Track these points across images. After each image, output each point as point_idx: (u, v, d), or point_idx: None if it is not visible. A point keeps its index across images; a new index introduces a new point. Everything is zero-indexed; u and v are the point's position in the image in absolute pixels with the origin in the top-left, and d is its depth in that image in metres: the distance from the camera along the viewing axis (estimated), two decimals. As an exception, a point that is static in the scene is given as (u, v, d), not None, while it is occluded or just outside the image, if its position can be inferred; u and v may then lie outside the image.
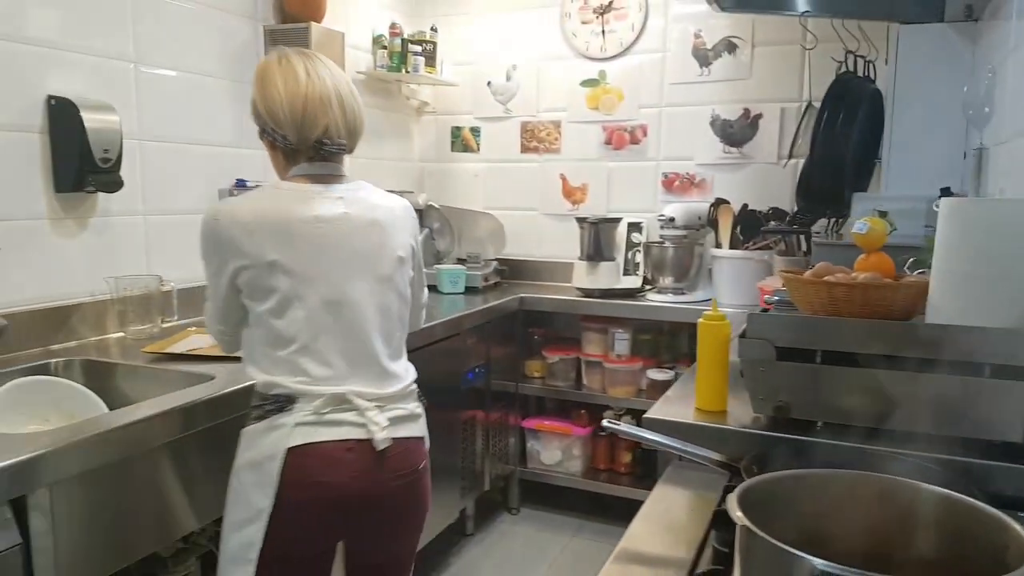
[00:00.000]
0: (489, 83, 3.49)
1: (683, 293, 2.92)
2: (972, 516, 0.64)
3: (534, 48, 3.40)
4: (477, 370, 2.79)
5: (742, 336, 1.24)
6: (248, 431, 1.36)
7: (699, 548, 0.95)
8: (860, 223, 1.42)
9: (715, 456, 1.08)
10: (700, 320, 1.36)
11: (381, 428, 1.33)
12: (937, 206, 1.79)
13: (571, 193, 3.41)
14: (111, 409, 1.65)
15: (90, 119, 1.85)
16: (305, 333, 1.33)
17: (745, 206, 2.92)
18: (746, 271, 2.76)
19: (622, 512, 3.05)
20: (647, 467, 3.08)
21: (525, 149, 3.49)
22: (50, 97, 1.85)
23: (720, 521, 1.01)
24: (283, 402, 1.32)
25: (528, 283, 3.38)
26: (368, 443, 1.33)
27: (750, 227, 2.86)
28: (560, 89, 3.37)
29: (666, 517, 1.06)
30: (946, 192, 2.01)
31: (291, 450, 1.29)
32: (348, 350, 1.36)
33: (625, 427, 1.18)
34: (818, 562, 0.54)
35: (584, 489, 3.09)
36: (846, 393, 1.17)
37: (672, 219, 2.90)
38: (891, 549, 0.66)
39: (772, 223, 2.80)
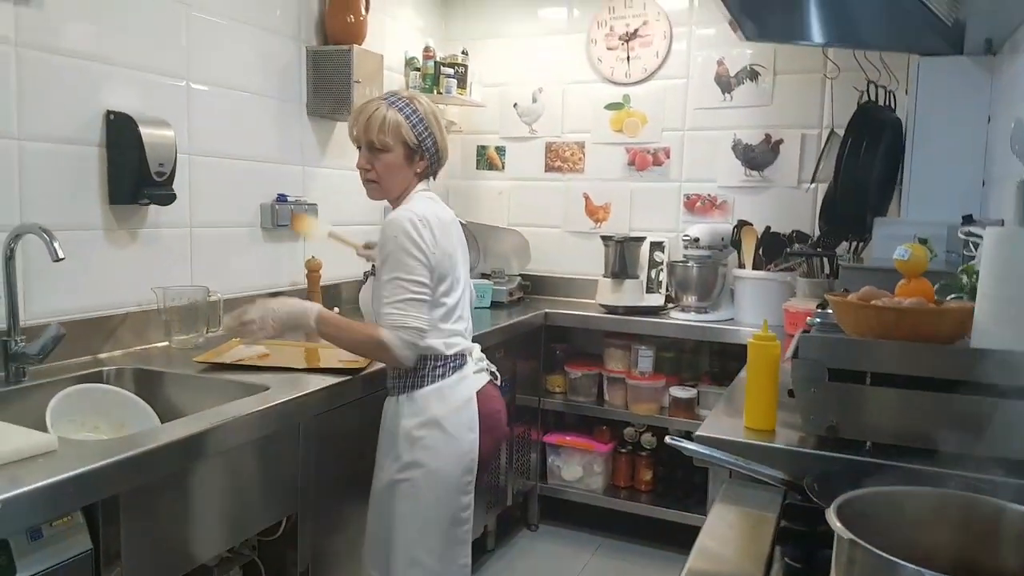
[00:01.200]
0: (515, 105, 3.56)
1: (706, 312, 2.96)
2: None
3: (560, 72, 3.47)
4: (502, 384, 2.82)
5: (794, 357, 1.29)
6: (431, 390, 1.72)
7: (767, 563, 0.98)
8: (901, 249, 1.46)
9: (780, 475, 1.12)
10: (751, 340, 1.40)
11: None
12: (964, 233, 1.85)
13: (594, 212, 3.47)
14: (160, 418, 1.69)
15: (148, 134, 1.90)
16: (461, 305, 1.80)
17: (768, 228, 2.98)
18: (768, 292, 2.82)
19: (642, 530, 3.12)
20: (668, 485, 3.12)
21: (549, 168, 3.55)
22: (109, 112, 1.91)
23: (786, 537, 1.05)
24: (461, 359, 1.78)
25: (551, 299, 3.43)
26: (492, 381, 1.89)
27: (773, 249, 2.92)
28: (585, 111, 3.44)
29: (730, 534, 1.10)
30: (968, 219, 2.06)
31: (478, 392, 1.78)
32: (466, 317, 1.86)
33: (690, 445, 1.22)
34: (928, 572, 0.58)
35: (604, 506, 3.12)
36: (897, 414, 1.22)
37: (696, 239, 2.95)
38: (977, 564, 0.70)
39: (796, 245, 2.85)
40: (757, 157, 3.15)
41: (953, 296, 1.43)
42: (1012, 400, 1.12)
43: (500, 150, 3.64)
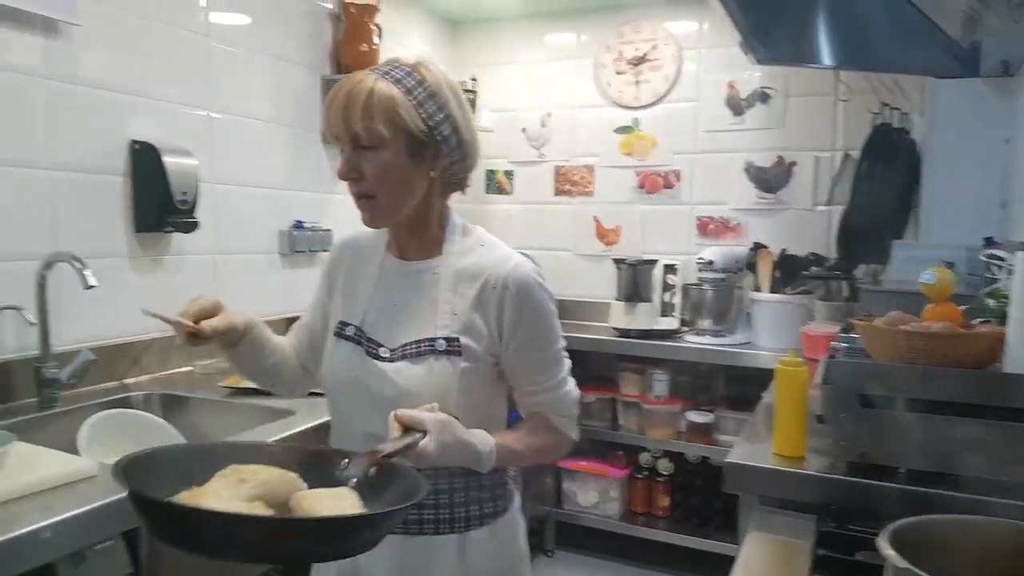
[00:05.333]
0: (524, 129, 3.59)
1: (722, 335, 2.96)
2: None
3: (569, 96, 3.50)
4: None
5: (824, 383, 1.29)
6: (516, 511, 1.31)
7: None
8: (928, 273, 1.47)
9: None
10: (778, 366, 1.40)
11: None
12: (987, 256, 1.86)
13: (604, 235, 3.48)
14: (184, 435, 1.70)
15: (170, 163, 1.92)
16: None
17: (784, 251, 2.98)
18: (786, 315, 2.82)
19: (661, 557, 3.09)
20: (686, 511, 3.10)
21: (559, 192, 3.57)
22: (133, 142, 1.93)
23: (823, 565, 1.05)
24: None
25: (562, 322, 3.42)
26: None
27: (789, 271, 2.92)
28: (594, 135, 3.46)
29: (766, 563, 1.09)
30: (990, 241, 2.07)
31: None
32: None
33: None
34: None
35: (621, 532, 3.10)
36: (929, 440, 1.21)
37: (711, 262, 2.96)
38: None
39: (814, 268, 2.85)
40: (770, 179, 3.17)
41: (981, 320, 1.44)
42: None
43: (509, 174, 3.66)
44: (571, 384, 1.26)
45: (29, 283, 1.65)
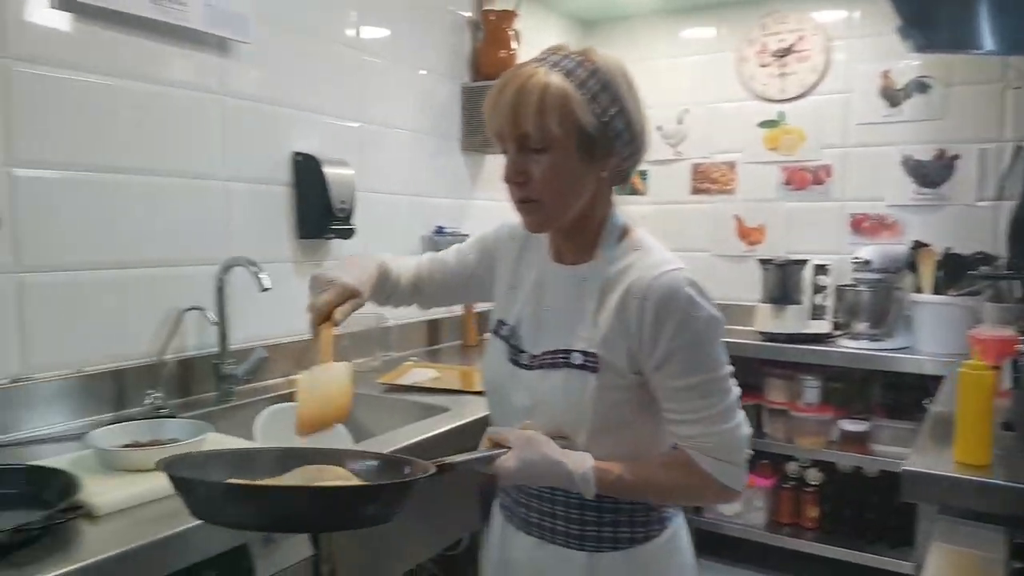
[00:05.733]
0: (659, 127, 3.53)
1: (879, 339, 2.78)
2: None
3: (707, 92, 3.42)
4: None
5: (1015, 388, 1.19)
6: (669, 536, 1.18)
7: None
8: None
9: None
10: (961, 370, 1.30)
11: None
12: None
13: (747, 234, 3.37)
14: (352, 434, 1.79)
15: (330, 173, 2.04)
16: None
17: (948, 249, 2.77)
18: (950, 318, 2.62)
19: (807, 568, 2.95)
20: (836, 522, 2.94)
21: (696, 191, 3.49)
22: (295, 153, 2.06)
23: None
24: None
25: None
26: None
27: (954, 271, 2.71)
28: (735, 131, 3.36)
29: (957, 575, 1.02)
30: None
31: None
32: None
33: None
34: None
35: (766, 543, 2.98)
36: None
37: (868, 261, 2.80)
38: None
39: (982, 268, 2.63)
40: (930, 174, 2.96)
41: None
42: None
43: (643, 174, 3.61)
44: (733, 423, 1.06)
45: (209, 286, 1.80)
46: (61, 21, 1.54)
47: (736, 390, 1.08)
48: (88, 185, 1.60)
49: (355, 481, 0.96)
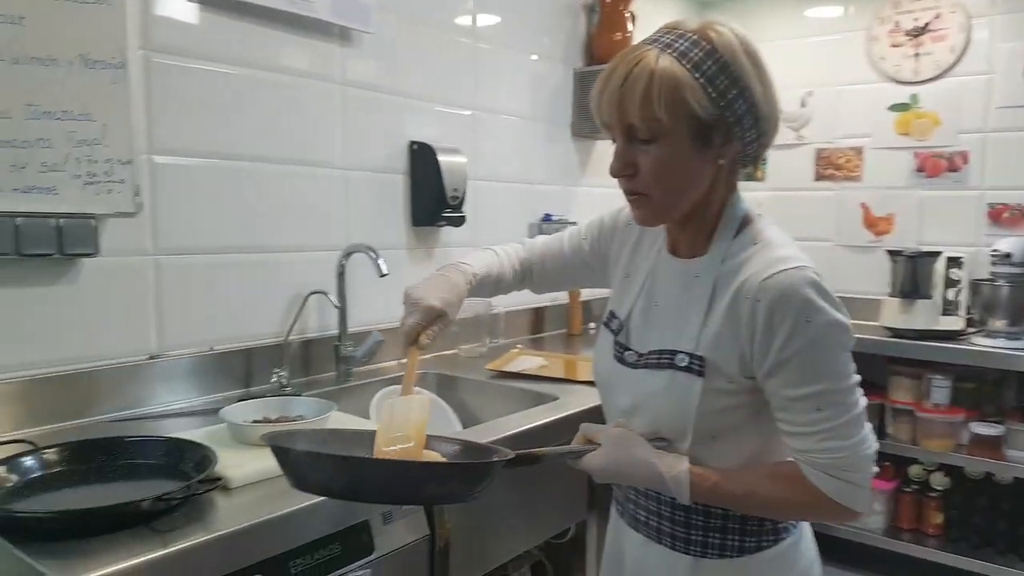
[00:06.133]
0: (781, 111, 3.38)
1: (1019, 338, 2.58)
2: None
3: (833, 73, 3.25)
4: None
5: None
6: (788, 546, 1.10)
7: None
8: None
9: None
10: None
11: None
12: None
13: (874, 223, 3.18)
14: (459, 418, 1.82)
15: (444, 161, 2.07)
16: None
17: (1102, 243, 2.54)
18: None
19: (928, 576, 2.79)
20: (963, 530, 2.76)
21: (820, 177, 3.32)
22: (411, 142, 2.10)
23: None
24: None
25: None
26: None
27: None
28: (863, 114, 3.17)
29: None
30: None
31: None
32: None
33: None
34: None
35: (884, 548, 2.83)
36: None
37: (1008, 255, 2.60)
38: None
39: None
40: (1084, 159, 2.70)
41: None
42: None
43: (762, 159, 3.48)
44: (855, 439, 0.96)
45: (329, 271, 1.87)
46: (195, 14, 1.62)
47: (862, 402, 0.98)
48: (220, 172, 1.69)
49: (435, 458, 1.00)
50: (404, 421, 1.01)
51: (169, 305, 1.62)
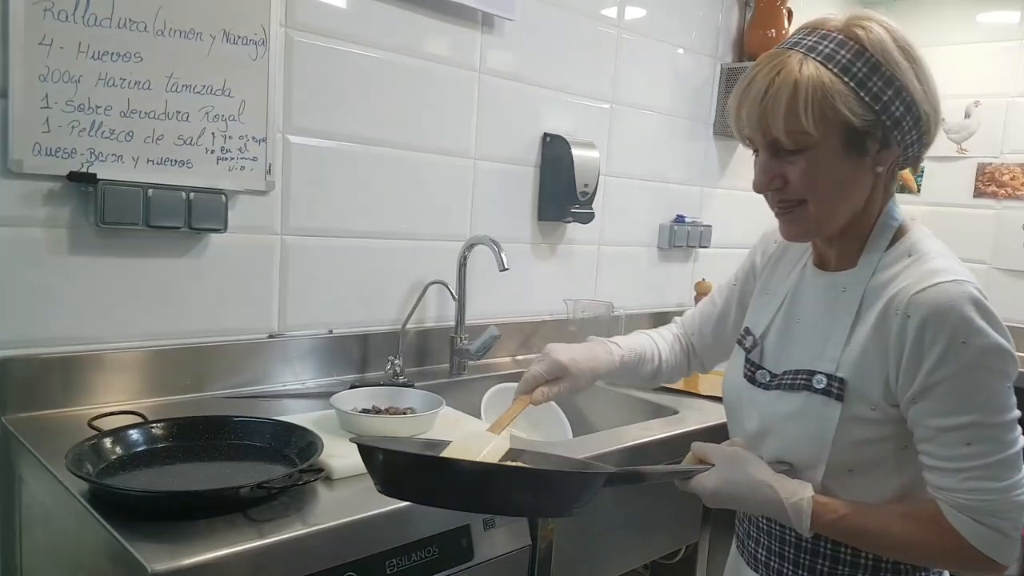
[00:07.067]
0: (943, 120, 3.08)
1: None
2: None
3: (1004, 83, 2.96)
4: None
5: None
6: None
7: None
8: None
9: None
10: None
11: None
12: None
13: (1039, 248, 2.86)
14: (569, 421, 1.74)
15: (577, 155, 1.99)
16: None
17: None
18: None
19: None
20: None
21: (980, 194, 3.02)
22: (545, 134, 2.03)
23: None
24: None
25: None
26: None
27: None
28: (1036, 128, 2.85)
29: None
30: None
31: None
32: None
33: None
34: None
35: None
36: None
37: None
38: None
39: None
40: None
41: None
42: None
43: (918, 171, 3.19)
44: (1007, 482, 0.84)
45: (451, 261, 1.83)
46: (338, -6, 1.60)
47: (1021, 441, 0.86)
48: (352, 155, 1.67)
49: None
50: (475, 453, 0.92)
51: (292, 285, 1.62)
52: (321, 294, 1.67)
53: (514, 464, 0.92)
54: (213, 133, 1.43)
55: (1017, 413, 0.86)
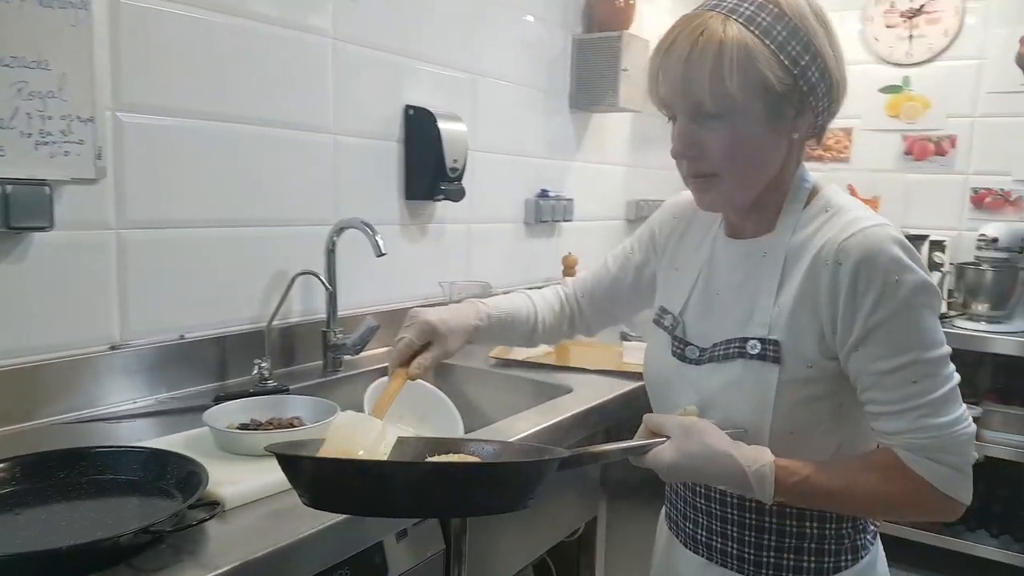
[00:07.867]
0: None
1: (999, 322, 2.61)
2: None
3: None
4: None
5: None
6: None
7: None
8: None
9: None
10: None
11: None
12: None
13: (858, 207, 3.14)
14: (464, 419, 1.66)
15: (445, 129, 1.88)
16: None
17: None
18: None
19: (902, 556, 2.74)
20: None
21: (807, 157, 3.21)
22: (407, 107, 1.90)
23: None
24: None
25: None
26: None
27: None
28: (853, 95, 2.97)
29: None
30: None
31: None
32: None
33: None
34: None
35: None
36: None
37: (995, 239, 2.61)
38: None
39: None
40: (1071, 148, 2.69)
41: None
42: None
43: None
44: (952, 415, 0.86)
45: (316, 248, 1.67)
46: (171, -49, 1.39)
47: (956, 377, 0.89)
48: (195, 134, 1.46)
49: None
50: (350, 449, 0.83)
51: (133, 287, 1.40)
52: (169, 295, 1.46)
53: (474, 460, 0.85)
54: (28, 113, 1.19)
55: (948, 349, 0.88)
